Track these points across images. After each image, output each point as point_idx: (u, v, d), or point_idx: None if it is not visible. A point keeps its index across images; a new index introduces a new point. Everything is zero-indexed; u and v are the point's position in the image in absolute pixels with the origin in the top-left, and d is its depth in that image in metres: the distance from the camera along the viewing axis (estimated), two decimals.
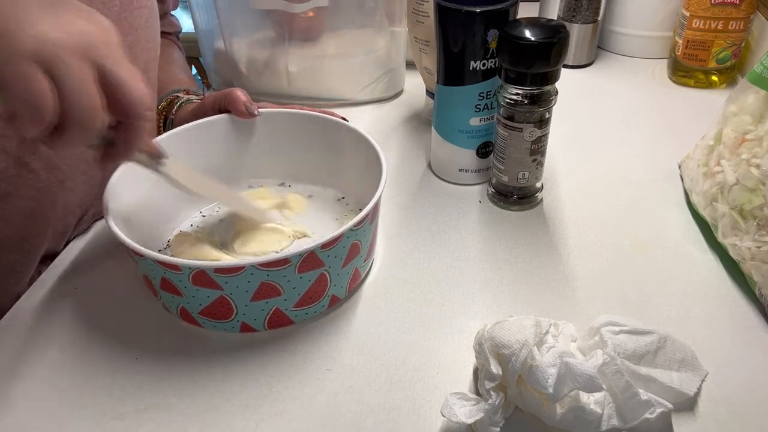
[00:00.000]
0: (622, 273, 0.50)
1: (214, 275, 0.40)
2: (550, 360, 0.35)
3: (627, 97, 0.78)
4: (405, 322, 0.46)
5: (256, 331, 0.44)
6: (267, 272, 0.40)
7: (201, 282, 0.40)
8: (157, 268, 0.41)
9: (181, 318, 0.45)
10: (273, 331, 0.45)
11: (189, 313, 0.44)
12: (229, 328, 0.44)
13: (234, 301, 0.42)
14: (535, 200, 0.58)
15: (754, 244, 0.45)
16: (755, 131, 0.48)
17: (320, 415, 0.39)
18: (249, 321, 0.43)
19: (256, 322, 0.44)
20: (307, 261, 0.41)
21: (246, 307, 0.42)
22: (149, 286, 0.45)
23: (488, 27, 0.51)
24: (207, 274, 0.40)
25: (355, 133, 0.52)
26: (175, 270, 0.40)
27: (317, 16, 0.72)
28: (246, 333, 0.44)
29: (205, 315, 0.43)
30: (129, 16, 0.52)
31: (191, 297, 0.42)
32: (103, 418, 0.39)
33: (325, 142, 0.55)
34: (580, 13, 0.80)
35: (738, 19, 0.73)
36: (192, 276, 0.40)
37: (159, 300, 0.45)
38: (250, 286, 0.41)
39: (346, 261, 0.44)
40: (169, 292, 0.43)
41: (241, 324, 0.44)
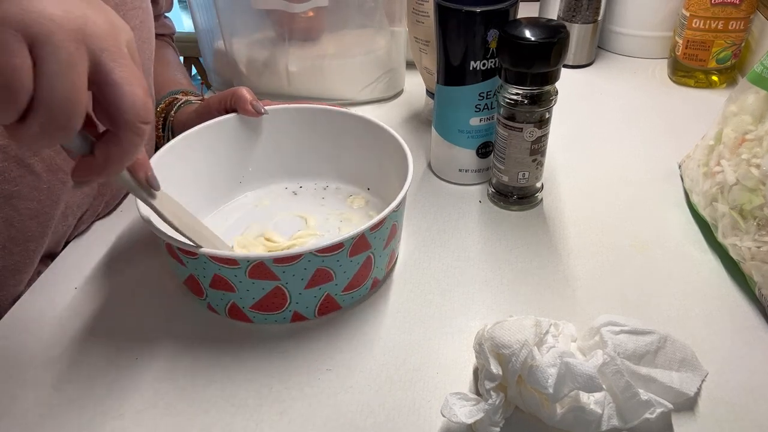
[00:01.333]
0: (622, 273, 0.50)
1: (272, 266, 0.40)
2: (550, 360, 0.35)
3: (627, 97, 0.78)
4: (405, 322, 0.46)
5: (307, 320, 0.45)
6: (322, 258, 0.41)
7: (258, 274, 0.41)
8: (211, 264, 0.41)
9: (229, 316, 0.45)
10: (322, 317, 0.46)
11: (240, 308, 0.44)
12: (279, 320, 0.45)
13: (289, 290, 0.42)
14: (535, 200, 0.58)
15: (754, 244, 0.45)
16: (755, 131, 0.48)
17: (320, 415, 0.39)
18: (301, 310, 0.44)
19: (308, 310, 0.45)
20: (358, 244, 0.42)
21: (300, 296, 0.43)
22: (194, 287, 0.45)
23: (488, 27, 0.51)
24: (265, 265, 0.40)
25: (364, 121, 0.54)
26: (232, 265, 0.40)
27: (317, 16, 0.72)
28: (297, 322, 0.45)
29: (257, 309, 0.44)
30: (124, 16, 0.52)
31: (245, 291, 0.42)
32: (103, 418, 0.39)
33: (335, 134, 0.56)
34: (580, 13, 0.80)
35: (738, 19, 0.73)
36: (249, 269, 0.40)
37: (204, 300, 0.45)
38: (306, 273, 0.42)
39: (387, 242, 0.46)
40: (220, 289, 0.43)
41: (293, 313, 0.44)
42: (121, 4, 0.52)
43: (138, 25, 0.55)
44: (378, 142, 0.53)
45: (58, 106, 0.28)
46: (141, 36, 0.56)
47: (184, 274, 0.45)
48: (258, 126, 0.56)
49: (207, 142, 0.54)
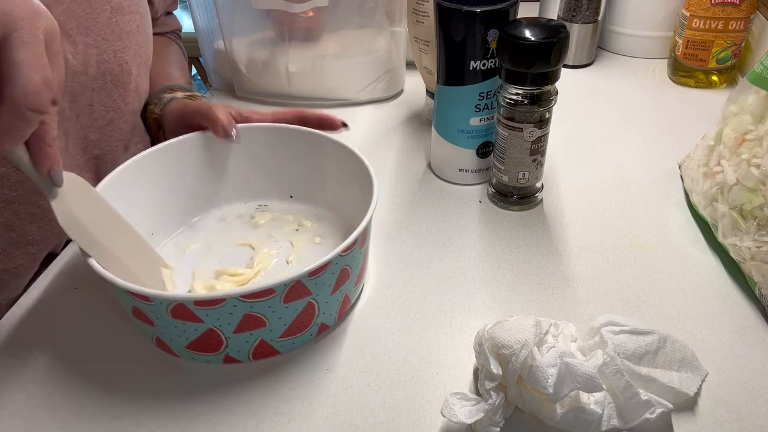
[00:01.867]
0: (622, 273, 0.50)
1: (194, 308, 0.37)
2: (550, 360, 0.35)
3: (627, 97, 0.78)
4: (405, 322, 0.45)
5: (240, 363, 0.42)
6: (251, 304, 0.38)
7: (181, 315, 0.38)
8: (128, 298, 0.38)
9: (157, 346, 0.43)
10: (257, 362, 0.43)
11: (164, 342, 0.42)
12: (212, 360, 0.42)
13: (223, 333, 0.40)
14: (535, 200, 0.58)
15: (754, 244, 0.45)
16: (755, 131, 0.48)
17: (320, 415, 0.39)
18: (233, 353, 0.41)
19: (240, 354, 0.42)
20: (294, 290, 0.39)
21: (229, 339, 0.40)
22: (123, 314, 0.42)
23: (488, 27, 0.51)
24: (187, 307, 0.37)
25: (343, 148, 0.50)
26: (147, 301, 0.38)
27: (317, 16, 0.72)
28: (230, 364, 0.42)
29: (192, 349, 0.41)
30: (120, 20, 0.52)
31: (172, 329, 0.39)
32: (103, 418, 0.39)
33: (309, 158, 0.53)
34: (580, 13, 0.80)
35: (738, 19, 0.73)
36: (171, 309, 0.38)
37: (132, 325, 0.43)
38: (233, 318, 0.38)
39: (335, 287, 0.42)
40: (142, 321, 0.40)
41: (225, 356, 0.41)
42: (118, 9, 0.52)
43: (135, 29, 0.55)
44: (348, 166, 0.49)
45: None
46: (137, 40, 0.56)
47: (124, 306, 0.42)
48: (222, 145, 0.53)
49: (166, 162, 0.50)
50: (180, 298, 0.37)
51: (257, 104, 0.78)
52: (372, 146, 0.68)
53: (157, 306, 0.38)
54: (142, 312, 0.39)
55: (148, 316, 0.39)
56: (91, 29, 0.49)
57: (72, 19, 0.47)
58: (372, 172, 0.46)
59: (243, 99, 0.79)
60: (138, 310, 0.39)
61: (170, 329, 0.40)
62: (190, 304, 0.37)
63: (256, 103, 0.78)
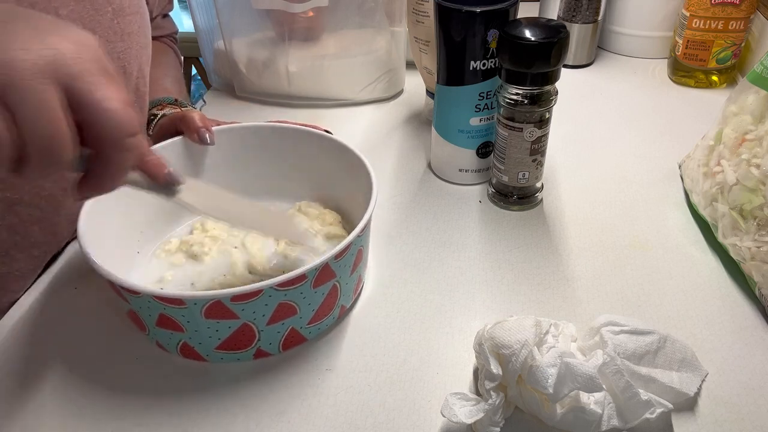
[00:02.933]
0: (622, 273, 0.50)
1: (230, 304, 0.37)
2: (550, 360, 0.35)
3: (627, 97, 0.78)
4: (405, 322, 0.45)
5: (271, 356, 0.43)
6: (285, 292, 0.38)
7: (215, 314, 0.38)
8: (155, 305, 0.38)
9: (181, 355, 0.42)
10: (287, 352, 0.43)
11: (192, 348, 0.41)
12: (243, 358, 0.42)
13: (257, 326, 0.40)
14: (535, 200, 0.58)
15: (754, 244, 0.45)
16: (755, 131, 0.48)
17: (320, 415, 0.39)
18: (264, 346, 0.42)
19: (272, 346, 0.42)
20: (322, 274, 0.40)
21: (262, 333, 0.40)
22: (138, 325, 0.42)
23: (488, 27, 0.51)
24: (223, 304, 0.37)
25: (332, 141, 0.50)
26: (180, 305, 0.37)
27: (317, 16, 0.72)
28: (260, 359, 0.43)
29: (224, 349, 0.41)
30: (121, 22, 0.52)
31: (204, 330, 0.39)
32: (103, 418, 0.39)
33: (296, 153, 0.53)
34: (580, 13, 0.80)
35: (738, 19, 0.73)
36: (205, 309, 0.37)
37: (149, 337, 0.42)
38: (267, 309, 0.39)
39: (353, 268, 0.44)
40: (168, 329, 0.40)
41: (257, 350, 0.42)
42: (119, 11, 0.52)
43: (136, 30, 0.55)
44: (342, 161, 0.49)
45: (44, 147, 0.28)
46: (139, 41, 0.56)
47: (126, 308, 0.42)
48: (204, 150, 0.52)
49: None
50: (216, 295, 0.37)
51: (257, 104, 0.78)
52: (372, 146, 0.68)
53: (191, 308, 0.37)
54: (170, 318, 0.39)
55: (177, 321, 0.39)
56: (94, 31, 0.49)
57: (77, 21, 0.47)
58: (367, 163, 0.47)
59: (243, 99, 0.79)
60: (166, 317, 0.39)
61: (202, 331, 0.39)
62: (227, 301, 0.37)
63: (256, 103, 0.78)
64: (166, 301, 0.37)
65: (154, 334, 0.42)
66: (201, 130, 0.50)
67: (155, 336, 0.42)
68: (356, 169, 0.48)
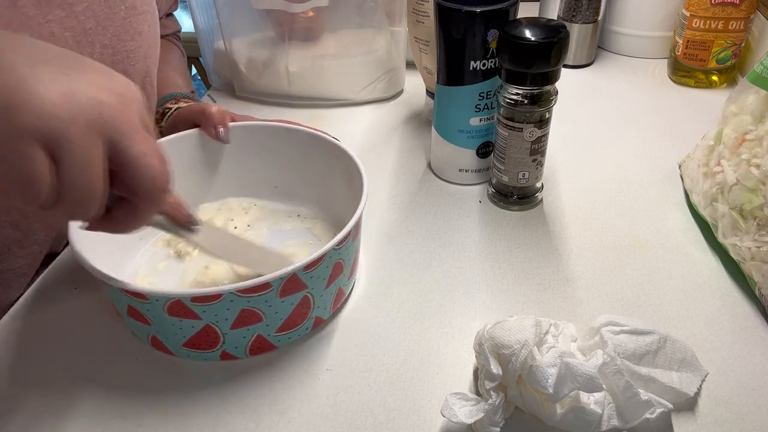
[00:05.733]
0: (622, 273, 0.50)
1: (191, 304, 0.37)
2: (550, 360, 0.35)
3: (627, 97, 0.78)
4: (405, 322, 0.45)
5: (237, 359, 0.42)
6: (247, 299, 0.38)
7: (178, 312, 0.38)
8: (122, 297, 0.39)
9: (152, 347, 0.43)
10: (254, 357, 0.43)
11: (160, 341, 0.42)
12: (210, 358, 0.42)
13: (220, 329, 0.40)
14: (535, 200, 0.58)
15: (754, 244, 0.45)
16: (755, 131, 0.48)
17: (320, 415, 0.39)
18: (230, 349, 0.41)
19: (237, 350, 0.42)
20: (289, 284, 0.39)
21: (226, 335, 0.40)
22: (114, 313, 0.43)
23: (488, 27, 0.51)
24: (184, 304, 0.37)
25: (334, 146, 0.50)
26: (143, 299, 0.38)
27: (317, 16, 0.72)
28: (227, 361, 0.42)
29: (190, 347, 0.41)
30: (134, 21, 0.52)
31: (169, 327, 0.40)
32: (103, 418, 0.39)
33: (303, 156, 0.53)
34: (580, 13, 0.80)
35: (738, 18, 0.73)
36: (167, 306, 0.38)
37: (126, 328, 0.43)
38: (230, 313, 0.39)
39: (330, 281, 0.42)
40: (137, 320, 0.40)
41: (222, 352, 0.42)
42: (132, 8, 0.52)
43: (146, 29, 0.55)
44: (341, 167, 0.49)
45: (79, 197, 0.30)
46: (149, 41, 0.56)
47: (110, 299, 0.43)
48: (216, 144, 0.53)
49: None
50: (177, 294, 0.37)
51: (257, 104, 0.78)
52: (372, 146, 0.68)
53: (153, 304, 0.38)
54: (137, 311, 0.39)
55: (144, 315, 0.39)
56: (107, 29, 0.49)
57: (91, 18, 0.47)
58: (361, 166, 0.47)
59: (243, 99, 0.79)
60: (134, 309, 0.39)
61: (167, 327, 0.40)
62: (187, 301, 0.37)
63: (256, 103, 0.78)
64: (132, 294, 0.38)
65: (128, 323, 0.42)
66: (218, 126, 0.51)
67: (129, 326, 0.43)
68: (355, 178, 0.47)
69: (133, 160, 0.31)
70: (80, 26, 0.45)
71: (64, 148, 0.28)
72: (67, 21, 0.44)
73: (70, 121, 0.28)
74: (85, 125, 0.29)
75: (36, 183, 0.28)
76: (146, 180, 0.31)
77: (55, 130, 0.28)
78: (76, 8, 0.45)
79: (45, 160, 0.28)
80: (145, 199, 0.32)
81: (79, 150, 0.29)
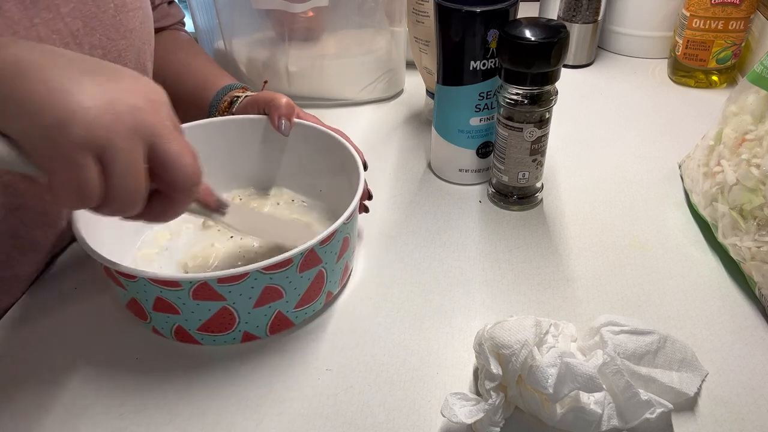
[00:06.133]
0: (622, 273, 0.50)
1: (217, 286, 0.39)
2: (550, 360, 0.35)
3: (627, 97, 0.78)
4: (405, 322, 0.46)
5: (258, 339, 0.44)
6: (270, 275, 0.40)
7: (203, 295, 0.39)
8: (152, 287, 0.39)
9: (175, 339, 0.44)
10: (274, 335, 0.44)
11: (186, 331, 0.43)
12: (229, 340, 0.43)
13: (237, 310, 0.41)
14: (535, 200, 0.58)
15: (754, 244, 0.45)
16: (755, 131, 0.48)
17: (320, 415, 0.39)
18: (251, 329, 0.43)
19: (258, 329, 0.43)
20: (308, 259, 0.41)
21: (248, 315, 0.42)
22: (137, 311, 0.44)
23: (488, 27, 0.51)
24: (210, 286, 0.39)
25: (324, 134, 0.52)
26: (174, 287, 0.39)
27: (317, 16, 0.72)
28: (247, 342, 0.44)
29: (205, 330, 0.42)
30: (124, 18, 0.52)
31: (190, 313, 0.41)
32: (103, 418, 0.39)
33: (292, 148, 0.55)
34: (580, 13, 0.80)
35: (738, 19, 0.73)
36: (193, 290, 0.39)
37: (149, 323, 0.44)
38: (254, 291, 0.40)
39: (340, 255, 0.45)
40: (164, 312, 0.41)
41: (243, 333, 0.43)
42: (121, 6, 0.52)
43: (138, 26, 0.54)
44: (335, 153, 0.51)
45: (125, 199, 0.32)
46: (141, 37, 0.55)
47: (124, 300, 0.44)
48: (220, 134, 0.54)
49: (226, 136, 0.54)
50: (203, 277, 0.38)
51: None
52: (372, 146, 0.68)
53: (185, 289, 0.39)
54: (166, 301, 0.40)
55: (173, 303, 0.40)
56: (96, 29, 0.49)
57: (78, 19, 0.46)
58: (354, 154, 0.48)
59: None
60: (162, 300, 0.40)
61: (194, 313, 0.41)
62: (214, 283, 0.39)
63: None
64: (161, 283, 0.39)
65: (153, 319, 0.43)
66: (282, 117, 0.52)
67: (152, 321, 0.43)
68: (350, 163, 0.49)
69: (171, 160, 0.33)
70: (67, 28, 0.45)
71: (112, 156, 0.31)
72: (54, 23, 0.44)
73: (115, 131, 0.30)
74: (127, 132, 0.31)
75: (89, 190, 0.30)
76: (183, 176, 0.34)
77: (102, 139, 0.30)
78: (62, 9, 0.45)
79: (96, 169, 0.30)
80: (182, 192, 0.34)
81: (125, 156, 0.31)
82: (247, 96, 0.58)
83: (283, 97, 0.53)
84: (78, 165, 0.30)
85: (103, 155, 0.30)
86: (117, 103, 0.31)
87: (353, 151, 0.49)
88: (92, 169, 0.30)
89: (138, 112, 0.32)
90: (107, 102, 0.31)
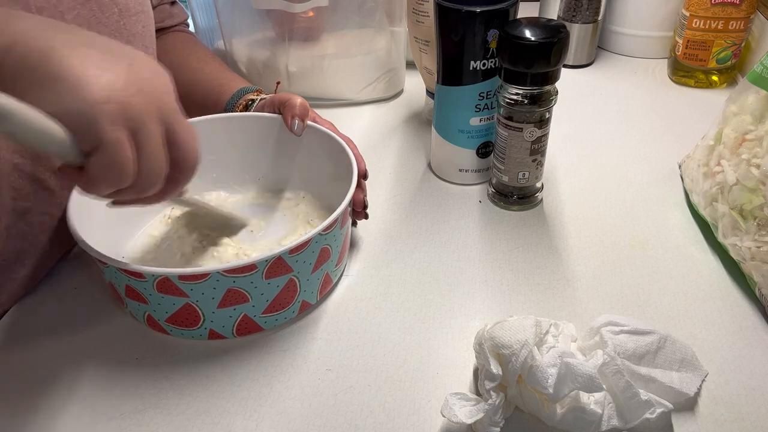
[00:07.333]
0: (622, 273, 0.50)
1: (178, 282, 0.39)
2: (551, 360, 0.35)
3: (627, 97, 0.78)
4: (405, 322, 0.46)
5: (225, 338, 0.44)
6: (233, 279, 0.39)
7: (166, 290, 0.40)
8: (121, 276, 0.40)
9: (148, 326, 0.44)
10: (243, 338, 0.44)
11: (156, 321, 0.43)
12: (196, 336, 0.43)
13: (200, 308, 0.41)
14: (535, 200, 0.58)
15: (754, 244, 0.45)
16: (755, 131, 0.48)
17: (320, 415, 0.39)
18: (217, 328, 0.43)
19: (224, 329, 0.43)
20: (275, 266, 0.40)
21: (213, 314, 0.42)
22: (116, 296, 0.44)
23: (488, 27, 0.51)
24: (172, 282, 0.39)
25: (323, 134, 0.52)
26: (139, 278, 0.40)
27: (317, 16, 0.72)
28: (214, 340, 0.44)
29: (172, 323, 0.43)
30: (127, 23, 0.52)
31: (157, 305, 0.41)
32: (103, 418, 0.39)
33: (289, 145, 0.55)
34: (580, 13, 0.80)
35: (738, 18, 0.73)
36: (156, 283, 0.39)
37: (126, 309, 0.45)
38: (216, 293, 0.40)
39: (317, 266, 0.44)
40: (134, 300, 0.42)
41: (209, 331, 0.43)
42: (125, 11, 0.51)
43: (140, 30, 0.54)
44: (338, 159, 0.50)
45: (150, 177, 0.33)
46: (143, 41, 0.55)
47: (106, 281, 0.45)
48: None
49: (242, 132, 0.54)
50: (166, 273, 0.39)
51: None
52: (372, 146, 0.68)
53: (149, 281, 0.40)
54: (135, 290, 0.41)
55: (141, 293, 0.41)
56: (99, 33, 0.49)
57: (83, 24, 0.46)
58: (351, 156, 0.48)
59: None
60: (131, 288, 0.41)
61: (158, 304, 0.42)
62: (175, 279, 0.39)
63: None
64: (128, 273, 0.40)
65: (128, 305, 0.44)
66: (295, 118, 0.52)
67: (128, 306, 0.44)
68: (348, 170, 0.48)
69: (184, 142, 0.34)
70: None
71: (146, 135, 0.32)
72: None
73: (147, 111, 0.31)
74: (156, 112, 0.32)
75: (128, 168, 0.31)
76: (191, 161, 0.35)
77: (137, 120, 0.31)
78: (67, 16, 0.45)
79: (132, 147, 0.31)
80: (186, 173, 0.36)
81: (155, 136, 0.32)
82: (262, 99, 0.58)
83: (298, 98, 0.53)
84: (120, 143, 0.30)
85: (136, 135, 0.31)
86: (145, 84, 0.32)
87: (352, 158, 0.48)
88: (129, 150, 0.31)
89: (160, 93, 0.33)
90: (136, 84, 0.31)
